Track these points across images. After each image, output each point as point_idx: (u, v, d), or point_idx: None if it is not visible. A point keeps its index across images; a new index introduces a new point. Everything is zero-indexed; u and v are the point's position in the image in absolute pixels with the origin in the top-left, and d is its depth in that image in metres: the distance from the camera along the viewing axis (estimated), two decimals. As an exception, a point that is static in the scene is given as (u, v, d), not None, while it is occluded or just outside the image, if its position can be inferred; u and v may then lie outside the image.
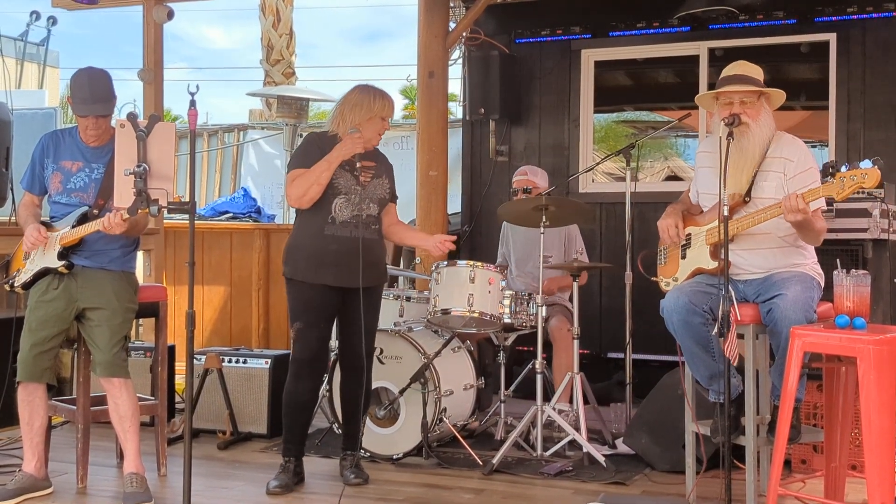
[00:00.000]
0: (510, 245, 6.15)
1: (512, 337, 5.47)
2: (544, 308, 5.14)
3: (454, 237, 4.83)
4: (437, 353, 5.12)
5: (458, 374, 5.31)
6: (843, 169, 3.70)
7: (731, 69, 4.25)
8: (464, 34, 7.04)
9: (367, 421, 5.11)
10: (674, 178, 7.38)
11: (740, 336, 3.99)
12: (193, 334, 3.59)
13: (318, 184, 4.51)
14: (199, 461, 4.93)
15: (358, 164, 4.50)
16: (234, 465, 5.08)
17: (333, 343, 5.64)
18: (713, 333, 3.91)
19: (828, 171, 3.71)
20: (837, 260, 3.97)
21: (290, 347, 4.73)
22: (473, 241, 7.43)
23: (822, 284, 4.17)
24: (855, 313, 3.73)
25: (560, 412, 5.16)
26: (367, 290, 4.58)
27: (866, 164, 3.66)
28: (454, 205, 7.46)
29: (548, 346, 5.58)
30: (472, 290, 5.09)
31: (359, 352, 4.67)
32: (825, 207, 4.14)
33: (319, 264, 4.51)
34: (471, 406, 5.42)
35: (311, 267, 4.51)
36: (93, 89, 4.38)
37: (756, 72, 4.23)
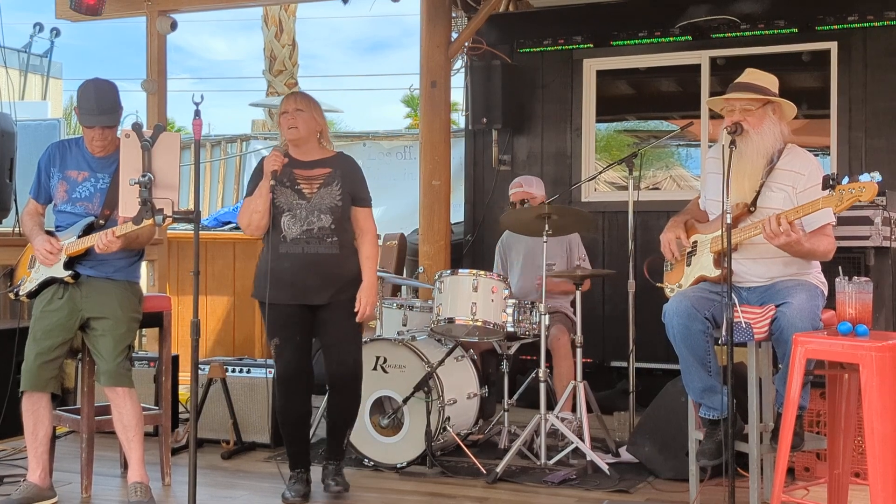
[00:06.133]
0: (511, 256, 6.13)
1: (515, 345, 5.47)
2: (547, 317, 5.15)
3: (369, 318, 4.63)
4: (441, 362, 5.13)
5: (461, 382, 5.31)
6: (845, 181, 3.69)
7: (741, 77, 4.26)
8: (466, 44, 7.06)
9: (371, 430, 5.13)
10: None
11: (742, 344, 4.00)
12: (198, 343, 3.60)
13: (256, 212, 4.47)
14: (202, 471, 4.90)
15: (272, 183, 4.40)
16: (237, 475, 5.09)
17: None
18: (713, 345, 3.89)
19: (828, 184, 3.71)
20: (839, 267, 3.97)
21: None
22: (476, 250, 7.43)
23: (826, 293, 4.17)
24: (857, 320, 3.72)
25: (563, 421, 5.16)
26: (332, 304, 4.51)
27: (865, 177, 3.65)
28: (457, 214, 7.47)
29: (550, 354, 5.57)
30: (475, 299, 5.10)
31: (334, 367, 4.58)
32: (834, 222, 4.10)
33: (276, 283, 4.41)
34: (474, 415, 5.42)
35: (270, 286, 4.37)
36: (99, 100, 4.41)
37: (766, 80, 4.22)
